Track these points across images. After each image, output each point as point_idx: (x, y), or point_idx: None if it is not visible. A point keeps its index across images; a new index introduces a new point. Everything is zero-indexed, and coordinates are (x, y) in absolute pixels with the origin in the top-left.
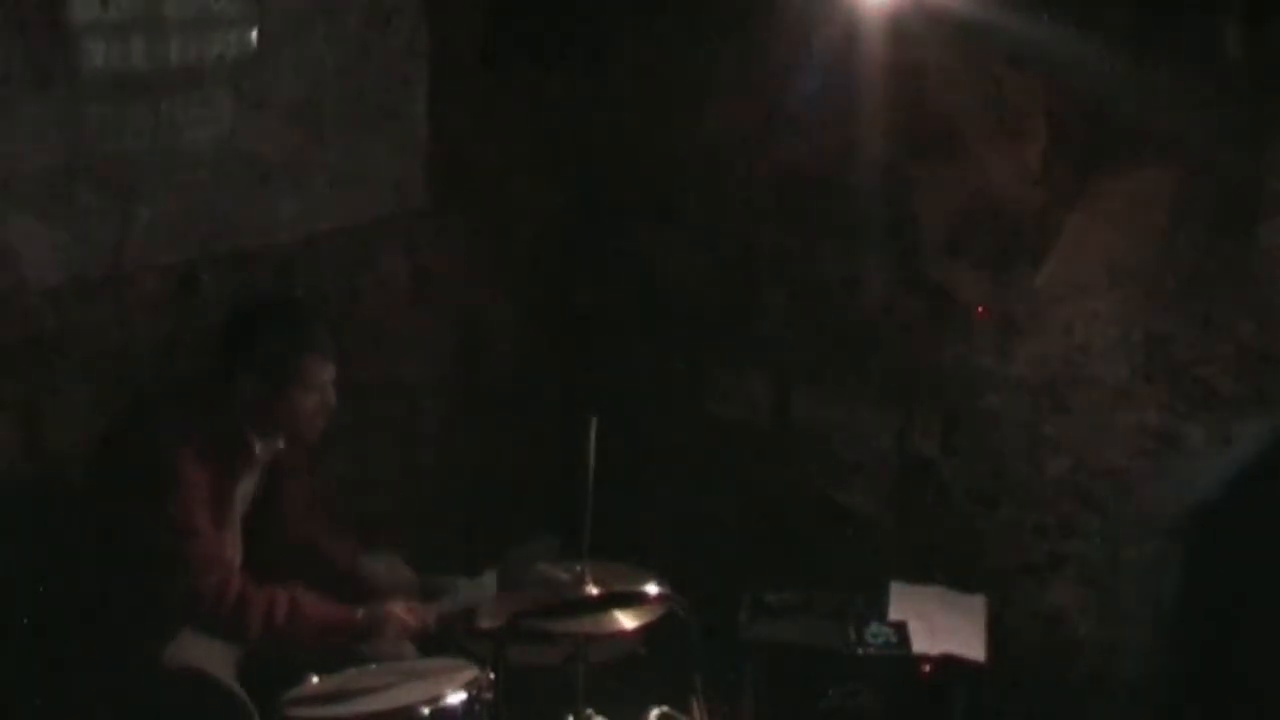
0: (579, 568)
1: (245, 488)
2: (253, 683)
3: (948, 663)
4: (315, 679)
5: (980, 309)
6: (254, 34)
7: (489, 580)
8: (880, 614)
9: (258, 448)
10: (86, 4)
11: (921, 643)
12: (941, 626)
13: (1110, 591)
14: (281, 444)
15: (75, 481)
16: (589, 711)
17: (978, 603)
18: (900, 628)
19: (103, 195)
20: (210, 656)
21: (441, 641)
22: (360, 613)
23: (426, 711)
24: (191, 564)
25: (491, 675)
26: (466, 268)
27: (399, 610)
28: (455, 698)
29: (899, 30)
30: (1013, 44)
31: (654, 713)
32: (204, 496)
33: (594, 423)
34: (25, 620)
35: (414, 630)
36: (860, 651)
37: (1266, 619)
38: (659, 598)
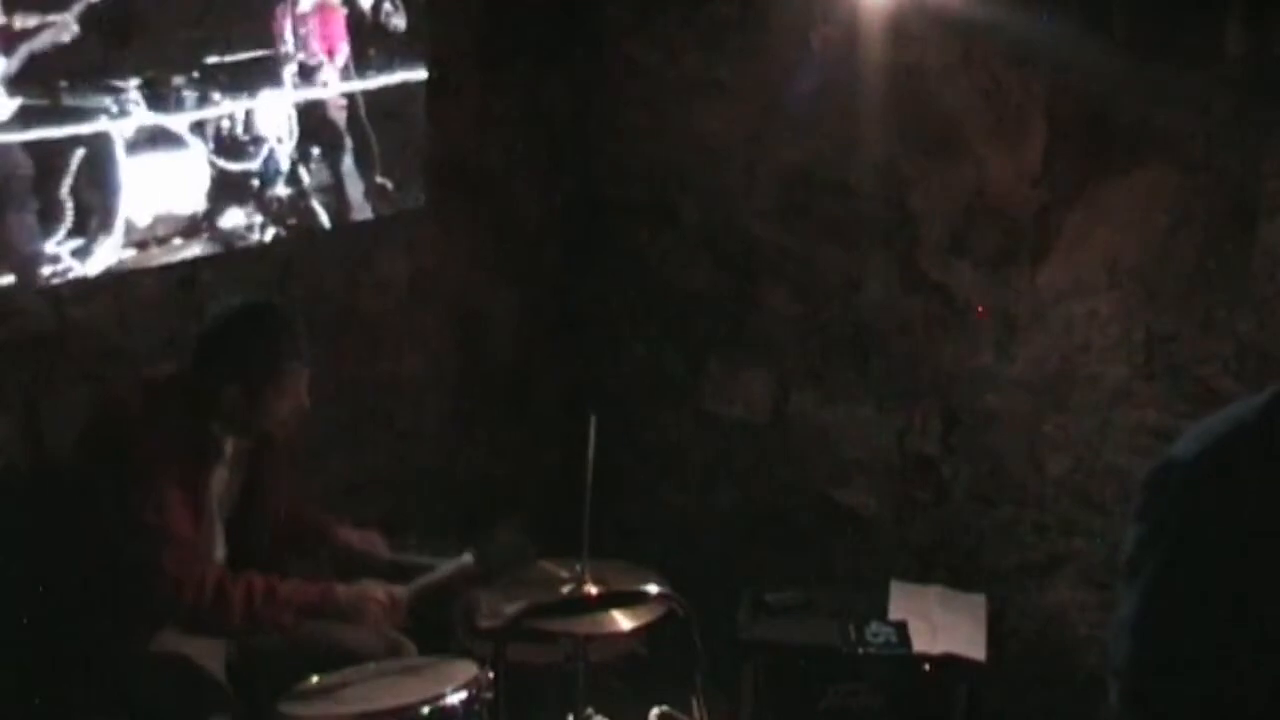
0: (579, 568)
1: (219, 479)
2: (252, 684)
3: (948, 662)
4: (315, 678)
5: (980, 309)
6: None
7: (466, 559)
8: (880, 613)
9: (228, 445)
10: (86, 4)
11: (922, 642)
12: (942, 626)
13: (1110, 591)
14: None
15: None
16: (589, 711)
17: (978, 602)
18: (900, 627)
19: (103, 195)
20: (196, 648)
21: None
22: (340, 590)
23: (426, 711)
24: (169, 566)
25: (491, 675)
26: (466, 268)
27: (377, 593)
28: (455, 697)
29: (899, 30)
30: (1013, 44)
31: (654, 713)
32: (178, 495)
33: (594, 421)
34: (25, 619)
35: (391, 612)
36: (860, 651)
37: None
38: (659, 597)
